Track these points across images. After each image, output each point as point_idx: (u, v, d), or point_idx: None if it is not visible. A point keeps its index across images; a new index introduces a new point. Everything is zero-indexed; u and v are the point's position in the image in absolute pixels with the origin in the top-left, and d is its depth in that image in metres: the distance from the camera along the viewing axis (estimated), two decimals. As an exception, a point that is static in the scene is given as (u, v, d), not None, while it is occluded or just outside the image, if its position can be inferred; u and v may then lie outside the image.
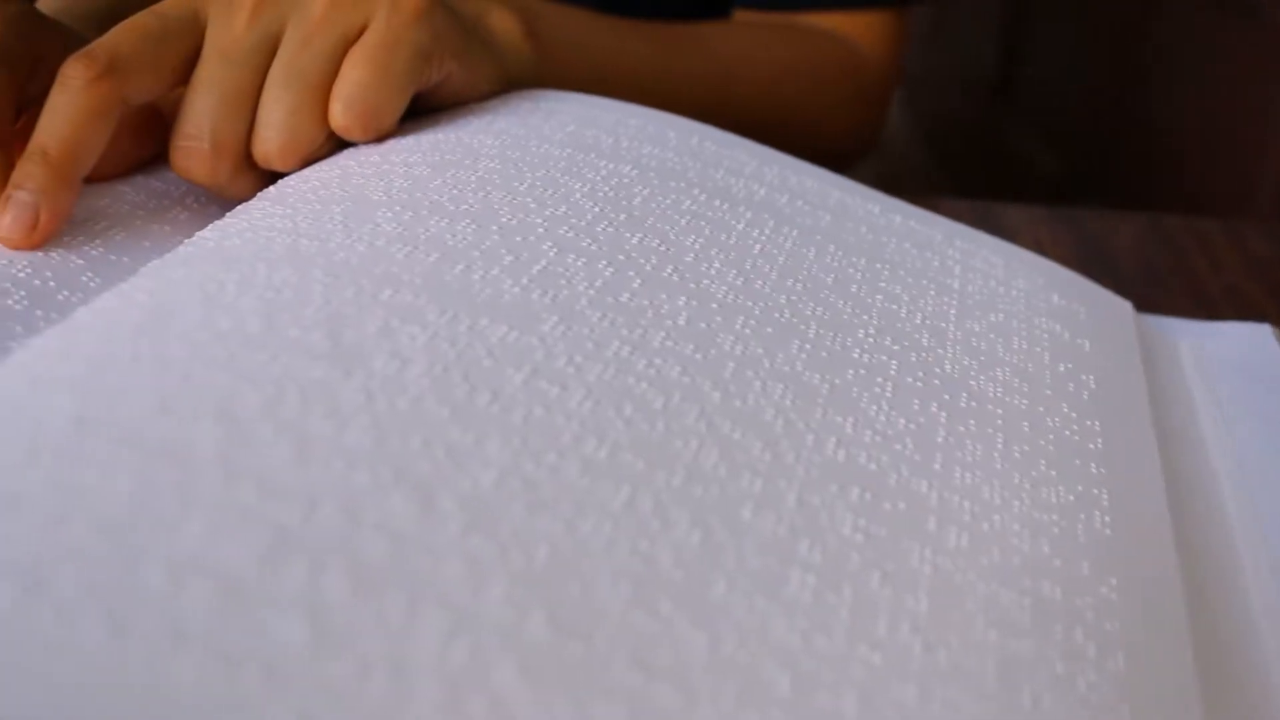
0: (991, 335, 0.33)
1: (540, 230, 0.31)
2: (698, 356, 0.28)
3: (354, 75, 0.36)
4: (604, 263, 0.30)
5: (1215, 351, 0.39)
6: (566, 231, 0.31)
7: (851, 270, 0.34)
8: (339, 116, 0.36)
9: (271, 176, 0.37)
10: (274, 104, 0.36)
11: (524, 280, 0.29)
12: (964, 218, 0.41)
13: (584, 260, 0.30)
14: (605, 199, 0.33)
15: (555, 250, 0.30)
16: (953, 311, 0.34)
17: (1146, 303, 0.41)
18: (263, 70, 0.36)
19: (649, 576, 0.22)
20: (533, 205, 0.32)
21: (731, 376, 0.27)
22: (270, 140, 0.36)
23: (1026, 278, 0.37)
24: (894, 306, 0.33)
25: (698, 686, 0.20)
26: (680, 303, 0.29)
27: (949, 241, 0.38)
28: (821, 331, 0.30)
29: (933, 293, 0.34)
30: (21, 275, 0.33)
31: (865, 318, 0.32)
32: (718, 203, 0.35)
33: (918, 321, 0.33)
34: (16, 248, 0.34)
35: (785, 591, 0.22)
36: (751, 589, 0.22)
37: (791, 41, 0.55)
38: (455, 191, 0.32)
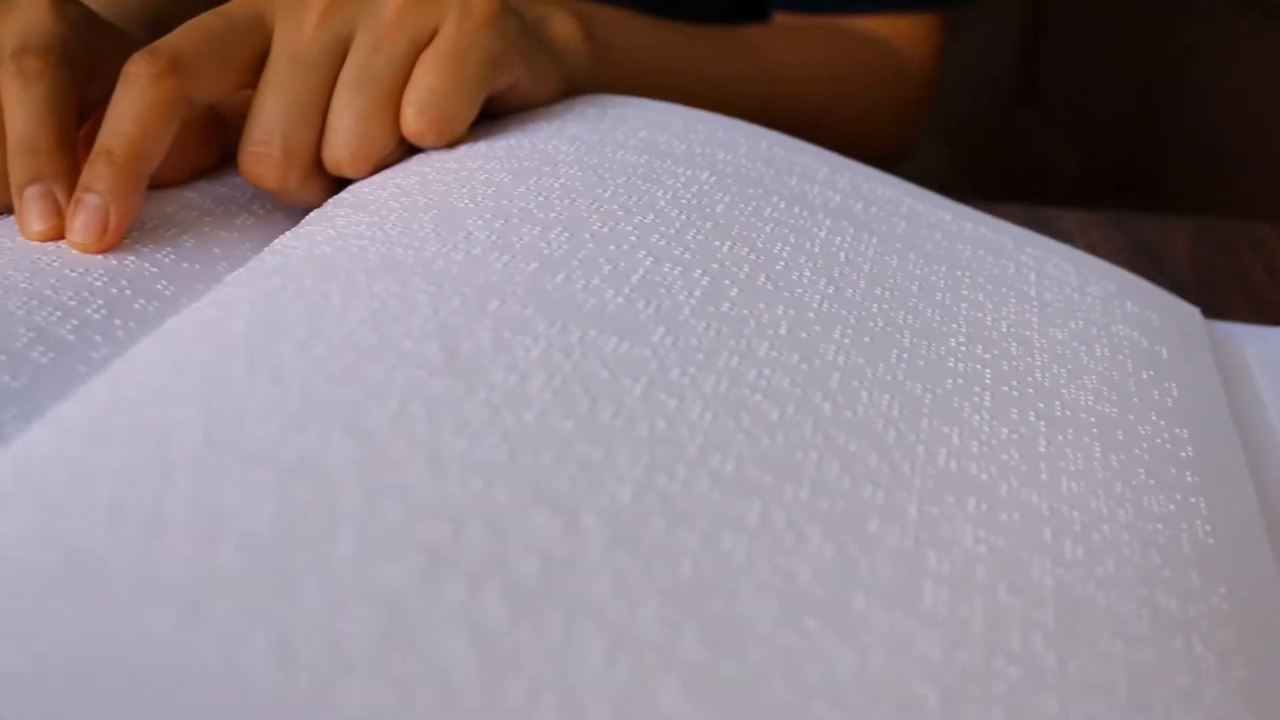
0: (1075, 343, 0.33)
1: (633, 238, 0.31)
2: (804, 367, 0.28)
3: (427, 80, 0.35)
4: (699, 271, 0.30)
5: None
6: (658, 240, 0.31)
7: (934, 278, 0.34)
8: (412, 122, 0.36)
9: (337, 183, 0.37)
10: (345, 109, 0.35)
11: (625, 290, 0.28)
12: (1015, 222, 0.41)
13: (680, 269, 0.30)
14: (690, 206, 0.33)
15: (651, 259, 0.30)
16: (1034, 319, 0.34)
17: (1205, 307, 0.41)
18: (333, 75, 0.36)
19: (791, 592, 0.21)
20: (620, 213, 0.32)
21: (839, 387, 0.27)
22: (341, 146, 0.35)
23: (1098, 284, 0.37)
24: (979, 314, 0.33)
25: (852, 703, 0.20)
26: (779, 312, 0.29)
27: (1020, 248, 0.38)
28: (916, 340, 0.30)
29: (1013, 300, 0.34)
30: (98, 284, 0.32)
31: (954, 326, 0.32)
32: (797, 210, 0.35)
33: (1004, 330, 0.33)
34: (89, 251, 0.33)
35: (921, 605, 0.22)
36: (889, 603, 0.22)
37: (835, 44, 0.55)
38: (541, 199, 0.32)
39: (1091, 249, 0.45)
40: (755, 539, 0.22)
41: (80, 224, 0.33)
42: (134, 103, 0.33)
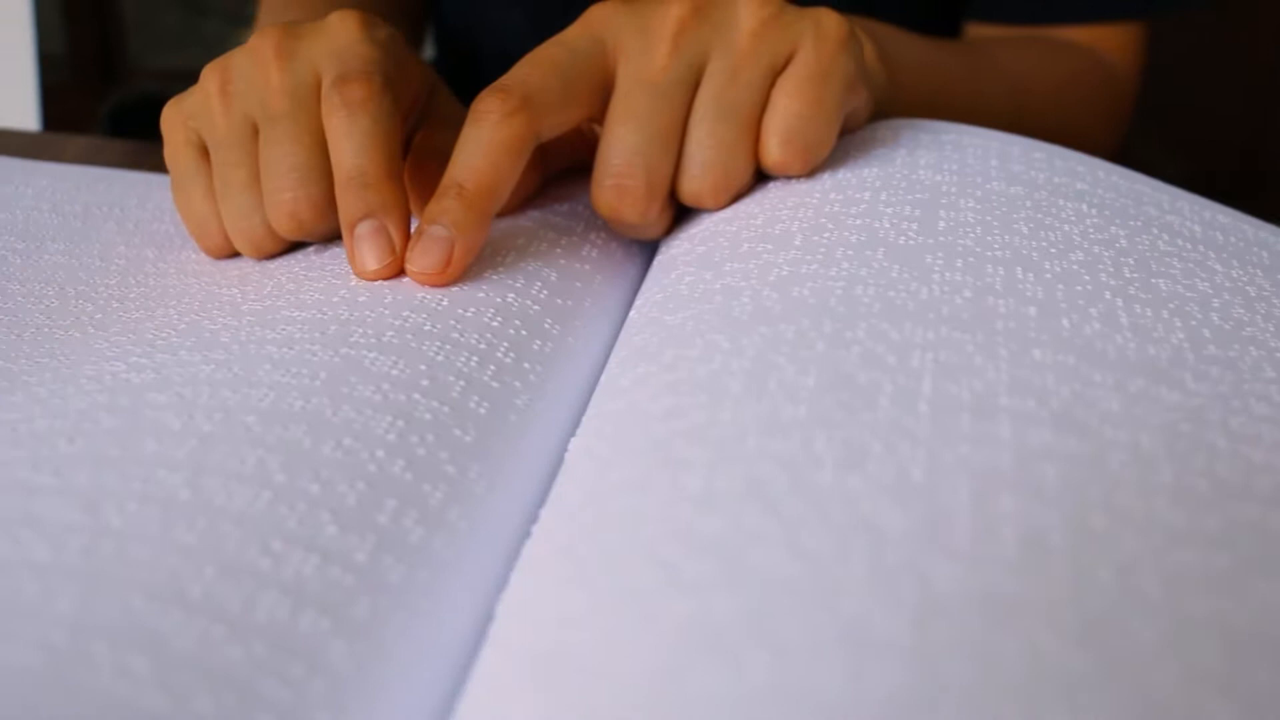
0: None
1: (1086, 279, 0.29)
2: None
3: (790, 108, 0.33)
4: (1166, 312, 0.29)
5: None
6: (1108, 279, 0.29)
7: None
8: (776, 152, 0.33)
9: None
10: (707, 139, 0.33)
11: (1125, 332, 0.27)
12: None
13: (1150, 310, 0.28)
14: (1098, 241, 0.32)
15: (1120, 300, 0.29)
16: None
17: None
18: (688, 103, 0.33)
19: None
20: (1053, 251, 0.30)
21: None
22: (701, 179, 0.33)
23: None
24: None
25: None
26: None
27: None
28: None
29: None
30: (494, 324, 0.30)
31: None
32: (1180, 241, 0.34)
33: None
34: (429, 284, 0.31)
35: None
36: None
37: (1057, 55, 0.54)
38: (974, 235, 0.30)
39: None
40: None
41: (422, 254, 0.31)
42: (486, 140, 0.31)
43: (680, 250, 0.33)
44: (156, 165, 0.46)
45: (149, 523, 0.22)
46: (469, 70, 0.68)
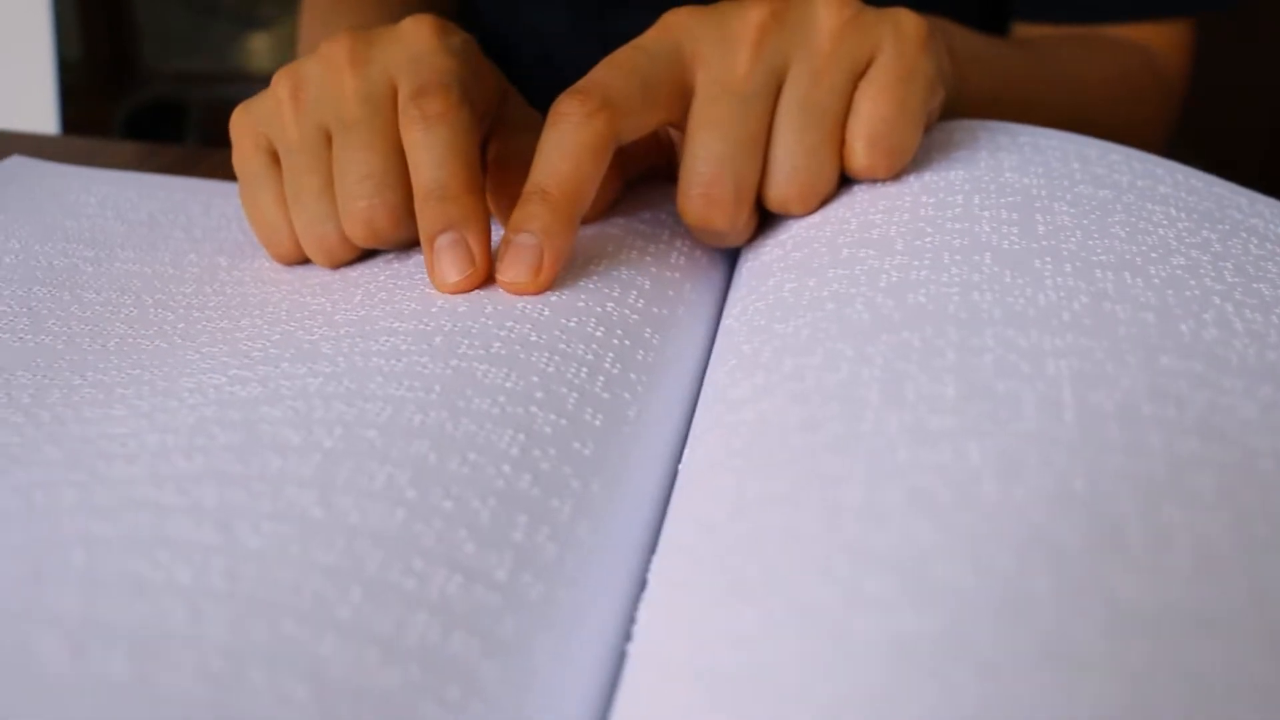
0: None
1: (1192, 283, 0.29)
2: None
3: (876, 111, 0.33)
4: (1275, 317, 0.28)
5: None
6: (1212, 283, 0.29)
7: None
8: (863, 156, 0.33)
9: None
10: (795, 145, 0.33)
11: (1250, 342, 0.27)
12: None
13: (1259, 316, 0.28)
14: (1193, 245, 0.31)
15: (1230, 306, 0.28)
16: None
17: None
18: (771, 108, 0.33)
19: None
20: (1154, 256, 0.30)
21: None
22: (789, 185, 0.33)
23: None
24: None
25: None
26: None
27: None
28: None
29: None
30: (598, 334, 0.30)
31: None
32: (1270, 246, 0.34)
33: None
34: (521, 293, 0.31)
35: None
36: None
37: (1111, 53, 0.54)
38: (1076, 240, 0.30)
39: None
40: None
41: (512, 263, 0.31)
42: (568, 142, 0.31)
43: (773, 256, 0.33)
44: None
45: (287, 543, 0.22)
46: (507, 74, 0.68)
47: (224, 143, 0.37)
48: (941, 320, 0.26)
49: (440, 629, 0.21)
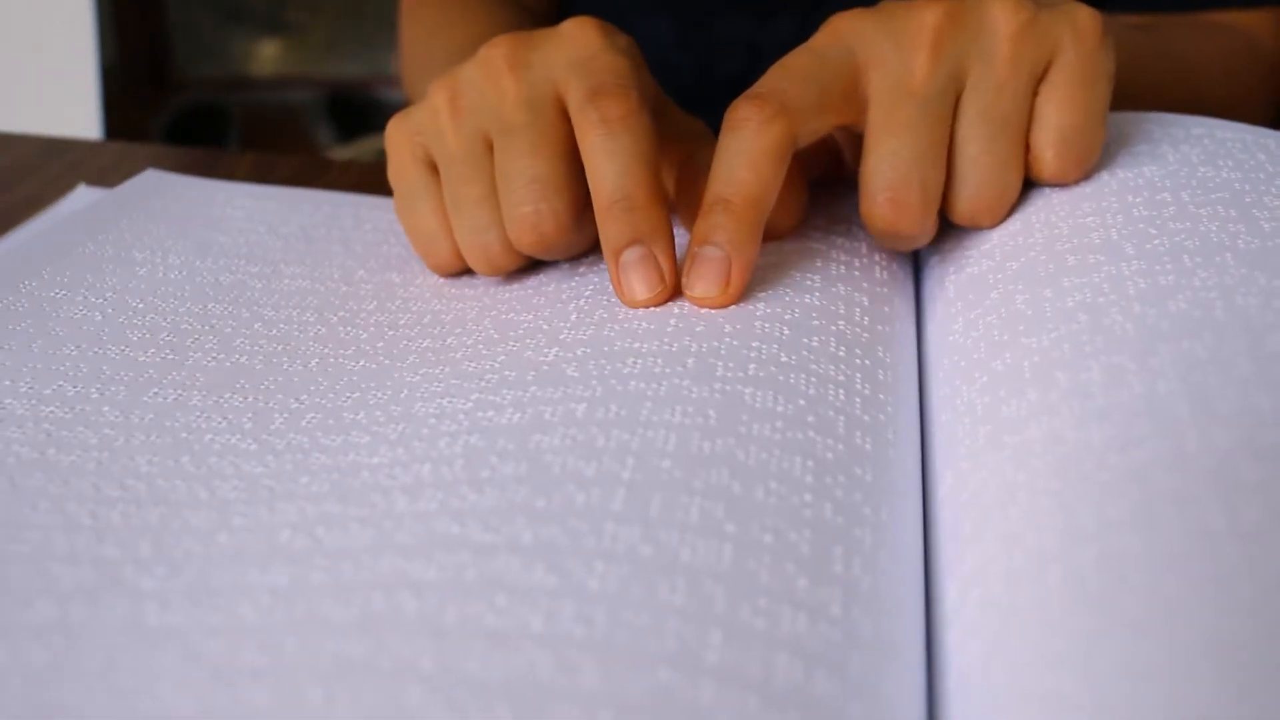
0: None
1: None
2: None
3: (1063, 118, 0.32)
4: None
5: None
6: None
7: None
8: (1052, 163, 0.33)
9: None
10: (984, 155, 0.32)
11: None
12: None
13: None
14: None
15: None
16: None
17: None
18: (951, 114, 0.32)
19: None
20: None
21: None
22: (978, 198, 0.32)
23: None
24: None
25: None
26: None
27: None
28: None
29: None
30: (840, 354, 0.29)
31: None
32: None
33: None
34: (709, 307, 0.30)
35: None
36: None
37: (1215, 36, 0.53)
38: (1271, 242, 0.30)
39: None
40: None
41: (700, 277, 0.30)
42: (748, 149, 0.30)
43: (984, 268, 0.32)
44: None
45: (629, 583, 0.21)
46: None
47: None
48: (1219, 328, 0.26)
49: (803, 670, 0.20)
